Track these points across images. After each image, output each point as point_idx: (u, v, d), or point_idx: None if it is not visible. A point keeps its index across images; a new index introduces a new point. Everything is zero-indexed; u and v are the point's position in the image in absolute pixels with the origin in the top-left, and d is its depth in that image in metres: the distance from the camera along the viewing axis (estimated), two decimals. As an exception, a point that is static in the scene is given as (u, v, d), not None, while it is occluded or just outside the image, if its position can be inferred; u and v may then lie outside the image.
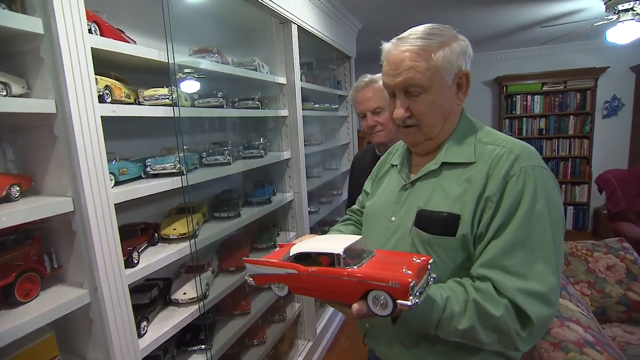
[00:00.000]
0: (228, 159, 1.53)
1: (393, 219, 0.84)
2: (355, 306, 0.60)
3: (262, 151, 1.77)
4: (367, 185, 1.08)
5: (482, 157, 0.75)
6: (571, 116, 4.33)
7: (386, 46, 0.79)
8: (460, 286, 0.70)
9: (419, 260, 0.61)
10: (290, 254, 0.69)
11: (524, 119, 4.50)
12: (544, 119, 4.44)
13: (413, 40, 0.75)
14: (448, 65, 0.74)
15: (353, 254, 0.64)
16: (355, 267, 0.61)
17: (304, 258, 0.67)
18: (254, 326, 1.72)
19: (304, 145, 2.17)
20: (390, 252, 0.72)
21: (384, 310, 0.57)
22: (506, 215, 0.68)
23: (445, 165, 0.79)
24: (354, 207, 1.13)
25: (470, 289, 0.69)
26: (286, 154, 2.01)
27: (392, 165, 0.96)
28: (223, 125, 1.94)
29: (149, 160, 1.23)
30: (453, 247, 0.73)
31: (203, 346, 1.34)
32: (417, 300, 0.55)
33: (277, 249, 0.80)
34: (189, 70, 1.44)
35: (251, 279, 0.73)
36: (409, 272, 0.57)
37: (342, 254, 0.62)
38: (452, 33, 0.77)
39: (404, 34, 0.78)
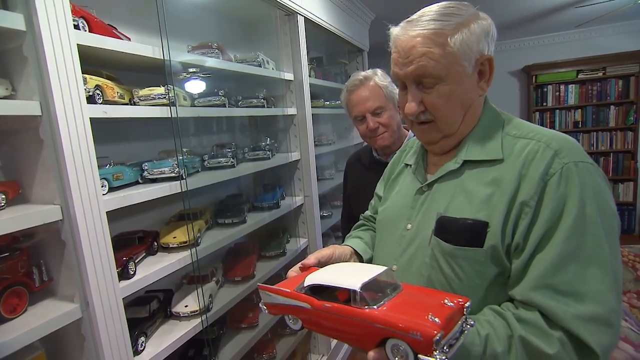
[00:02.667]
0: (232, 162, 1.52)
1: (409, 226, 0.79)
2: (371, 354, 0.53)
3: (268, 152, 1.75)
4: (379, 188, 1.03)
5: (512, 154, 0.69)
6: (612, 106, 4.14)
7: (394, 31, 0.73)
8: (500, 318, 0.63)
9: (451, 304, 0.54)
10: (305, 284, 0.64)
11: (557, 111, 4.33)
12: (579, 110, 4.26)
13: (425, 22, 0.68)
14: (467, 50, 0.67)
15: (375, 287, 0.58)
16: (375, 307, 0.54)
17: (322, 290, 0.62)
18: (262, 340, 1.69)
19: (315, 145, 2.14)
20: (420, 288, 0.64)
21: None
22: (549, 223, 0.62)
23: (467, 163, 0.73)
24: (367, 213, 1.07)
25: (514, 321, 0.62)
26: (295, 155, 1.99)
27: (406, 165, 0.90)
28: (227, 126, 1.93)
29: (146, 164, 1.22)
30: (481, 260, 0.66)
31: None
32: (443, 357, 0.48)
33: (299, 273, 0.75)
34: (194, 70, 1.43)
35: (264, 308, 0.69)
36: (436, 320, 0.49)
37: (358, 290, 0.55)
38: (471, 11, 0.70)
39: (415, 16, 0.72)
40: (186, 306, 1.26)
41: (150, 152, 1.39)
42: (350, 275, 0.61)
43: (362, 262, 0.88)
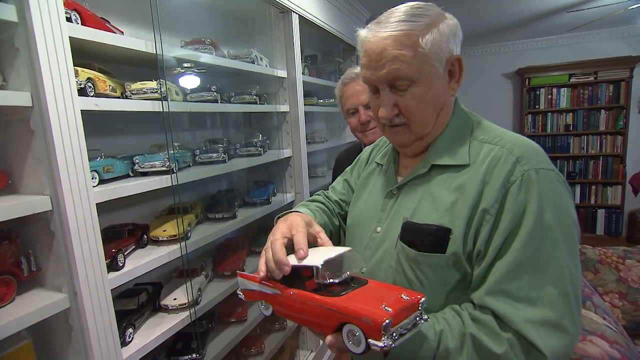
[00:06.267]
0: (223, 157, 1.53)
1: (379, 229, 0.79)
2: (329, 337, 0.58)
3: (260, 149, 1.77)
4: (348, 174, 1.02)
5: (477, 159, 0.69)
6: (602, 110, 4.21)
7: (362, 33, 0.72)
8: (457, 317, 0.65)
9: (407, 298, 0.58)
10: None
11: (549, 114, 4.39)
12: (571, 113, 4.32)
13: (395, 24, 0.67)
14: (438, 50, 0.67)
15: (342, 281, 0.63)
16: (336, 296, 0.59)
17: (292, 278, 0.66)
18: (251, 335, 1.70)
19: (307, 143, 2.15)
20: (384, 284, 0.68)
21: (357, 348, 0.55)
22: (509, 230, 0.63)
23: (435, 168, 0.74)
24: (331, 194, 1.02)
25: (468, 320, 0.64)
26: (287, 152, 2.00)
27: (378, 164, 0.90)
28: (219, 122, 1.93)
29: (137, 157, 1.23)
30: (443, 266, 0.67)
31: (195, 355, 1.33)
32: (390, 343, 0.52)
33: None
34: (188, 65, 1.45)
35: (241, 294, 0.75)
36: (389, 309, 0.54)
37: (320, 266, 0.61)
38: (438, 11, 0.71)
39: (383, 17, 0.71)
40: (175, 299, 1.27)
41: (142, 146, 1.39)
42: (315, 255, 0.65)
43: None
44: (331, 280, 0.61)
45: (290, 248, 0.70)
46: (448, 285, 0.69)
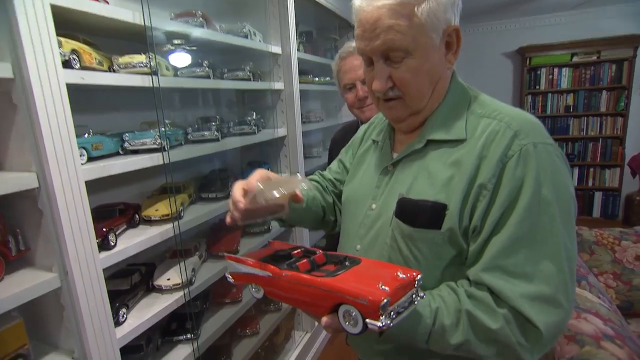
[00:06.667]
0: (216, 135, 1.51)
1: (374, 206, 0.79)
2: (324, 319, 0.58)
3: (254, 127, 1.75)
4: (344, 155, 1.02)
5: (474, 134, 0.69)
6: (604, 91, 4.19)
7: (356, 2, 0.70)
8: (453, 294, 0.66)
9: (403, 276, 0.58)
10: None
11: (549, 94, 4.37)
12: (572, 94, 4.30)
13: None
14: (434, 20, 0.66)
15: (335, 260, 0.65)
16: (331, 276, 0.59)
17: (284, 260, 0.67)
18: (246, 316, 1.73)
19: (302, 122, 2.14)
20: (378, 262, 0.69)
21: (354, 328, 0.55)
22: (505, 205, 0.63)
23: (431, 143, 0.73)
24: (325, 173, 1.05)
25: (464, 297, 0.64)
26: (281, 131, 1.98)
27: (374, 142, 0.90)
28: (211, 99, 1.91)
29: (127, 134, 1.21)
30: (438, 242, 0.68)
31: (190, 335, 1.35)
32: (389, 322, 0.52)
33: (267, 246, 0.81)
34: (178, 42, 1.41)
35: (230, 277, 0.75)
36: (386, 288, 0.54)
37: (258, 184, 0.69)
38: None
39: None
40: (168, 279, 1.27)
41: (132, 123, 1.37)
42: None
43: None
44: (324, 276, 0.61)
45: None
46: (443, 262, 0.69)
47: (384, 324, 0.52)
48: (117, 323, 1.06)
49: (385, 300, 0.51)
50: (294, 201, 0.79)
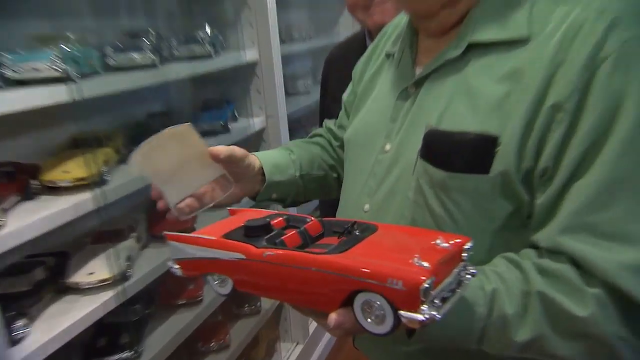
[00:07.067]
0: (152, 59, 1.46)
1: (388, 147, 0.81)
2: (332, 316, 0.54)
3: (210, 48, 1.72)
4: (345, 94, 1.08)
5: (544, 29, 0.65)
6: None
7: None
8: (515, 270, 0.65)
9: (446, 244, 0.56)
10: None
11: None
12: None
13: None
14: None
15: (337, 227, 0.65)
16: (339, 252, 0.56)
17: (260, 233, 0.65)
18: (210, 322, 1.74)
19: (281, 42, 2.13)
20: (403, 227, 0.69)
21: (380, 326, 0.52)
22: (595, 135, 0.60)
23: (474, 48, 0.71)
24: (329, 124, 1.13)
25: (534, 274, 0.63)
26: (251, 55, 1.96)
27: (388, 56, 0.91)
28: (142, 5, 1.84)
29: (8, 55, 1.12)
30: (486, 193, 0.67)
31: (127, 354, 1.35)
32: (434, 313, 0.49)
33: (228, 217, 0.79)
34: None
35: (176, 266, 0.71)
36: (425, 264, 0.50)
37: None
38: None
39: None
40: (91, 274, 1.25)
41: (14, 39, 1.27)
42: None
43: (265, 183, 0.99)
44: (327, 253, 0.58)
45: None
46: (494, 223, 0.69)
47: (427, 316, 0.48)
48: (14, 341, 1.03)
49: (428, 282, 0.48)
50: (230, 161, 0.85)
